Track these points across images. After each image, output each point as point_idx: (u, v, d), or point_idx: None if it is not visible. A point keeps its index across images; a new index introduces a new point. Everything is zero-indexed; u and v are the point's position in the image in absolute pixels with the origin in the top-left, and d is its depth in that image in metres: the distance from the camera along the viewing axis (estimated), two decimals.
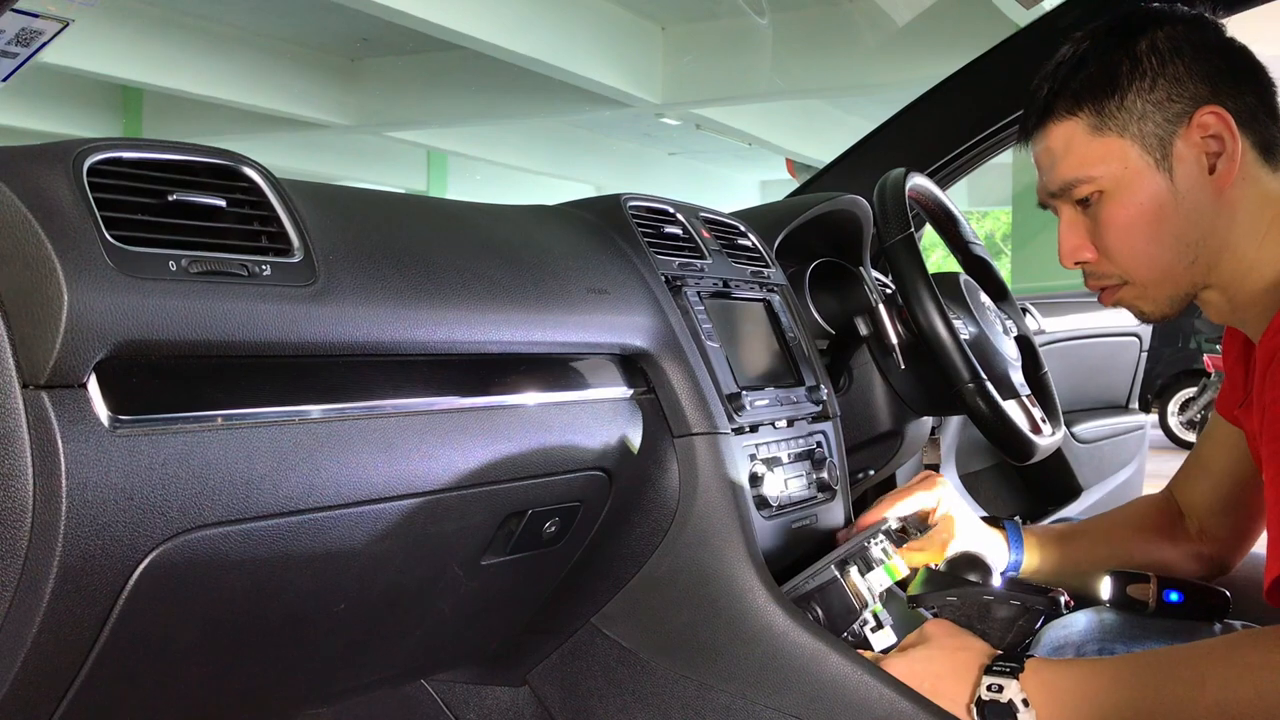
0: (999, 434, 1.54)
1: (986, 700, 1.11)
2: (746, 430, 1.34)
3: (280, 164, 1.39)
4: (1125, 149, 1.19)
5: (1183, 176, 1.19)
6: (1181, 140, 1.18)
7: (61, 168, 0.81)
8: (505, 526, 1.13)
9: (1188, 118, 1.18)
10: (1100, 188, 1.21)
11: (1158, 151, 1.19)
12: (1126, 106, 1.19)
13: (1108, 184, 1.20)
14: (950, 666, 1.16)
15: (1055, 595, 1.18)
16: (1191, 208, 1.19)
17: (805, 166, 12.51)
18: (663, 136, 14.25)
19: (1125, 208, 1.20)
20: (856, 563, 1.29)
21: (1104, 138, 1.20)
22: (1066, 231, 1.25)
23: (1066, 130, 1.22)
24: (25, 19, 1.32)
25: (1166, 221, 1.20)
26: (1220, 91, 1.18)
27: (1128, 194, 1.20)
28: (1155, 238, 1.21)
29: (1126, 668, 1.12)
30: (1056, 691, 1.10)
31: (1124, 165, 1.19)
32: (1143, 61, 1.19)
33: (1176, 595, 1.37)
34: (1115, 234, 1.22)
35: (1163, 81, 1.18)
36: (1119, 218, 1.21)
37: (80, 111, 12.40)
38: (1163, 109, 1.18)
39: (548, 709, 1.34)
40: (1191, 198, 1.19)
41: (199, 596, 0.88)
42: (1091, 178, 1.21)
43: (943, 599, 1.19)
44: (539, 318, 1.15)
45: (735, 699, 1.22)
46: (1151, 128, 1.19)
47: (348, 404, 0.95)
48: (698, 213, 1.53)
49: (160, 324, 0.81)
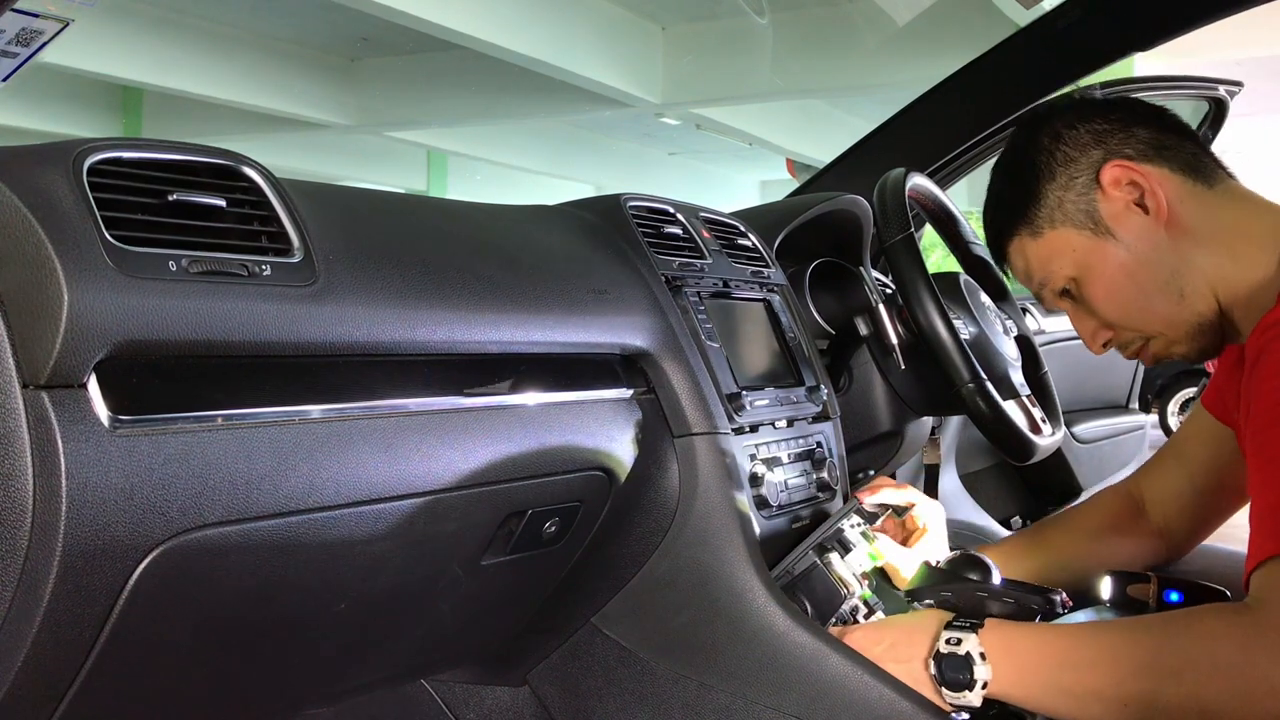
0: (999, 434, 1.54)
1: (945, 653, 1.13)
2: (746, 430, 1.34)
3: (280, 164, 1.39)
4: (1065, 237, 1.29)
5: (1125, 231, 1.27)
6: (1103, 203, 1.27)
7: (61, 168, 0.81)
8: (505, 526, 1.13)
9: (1095, 183, 1.27)
10: (1068, 276, 1.31)
11: (1090, 223, 1.28)
12: (1045, 204, 1.30)
13: (1072, 270, 1.30)
14: (909, 627, 1.19)
15: (1052, 594, 1.19)
16: (1149, 251, 1.26)
17: (805, 166, 12.50)
18: (663, 136, 14.25)
19: (1098, 283, 1.29)
20: (834, 546, 1.30)
21: (1044, 237, 1.31)
22: (1077, 322, 1.35)
23: (1016, 247, 1.35)
24: (25, 19, 1.32)
25: (1137, 275, 1.27)
26: (1110, 146, 1.28)
27: (1093, 271, 1.29)
28: (1139, 293, 1.28)
29: (1085, 631, 1.14)
30: (1015, 650, 1.12)
31: (1072, 249, 1.29)
32: (1038, 161, 1.31)
33: (1177, 595, 1.38)
34: (1106, 307, 1.30)
35: (1059, 168, 1.29)
36: (1099, 293, 1.29)
37: (80, 111, 12.40)
38: (1072, 188, 1.28)
39: (548, 709, 1.34)
40: (1143, 244, 1.26)
41: (199, 597, 0.88)
42: (1053, 273, 1.31)
43: (938, 594, 1.19)
44: (539, 318, 1.15)
45: (735, 699, 1.22)
46: (1072, 208, 1.28)
47: (348, 404, 0.95)
48: (698, 213, 1.53)
49: (160, 324, 0.81)
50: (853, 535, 1.33)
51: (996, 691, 1.12)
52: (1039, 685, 1.11)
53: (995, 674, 1.11)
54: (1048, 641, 1.13)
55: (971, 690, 1.12)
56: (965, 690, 1.12)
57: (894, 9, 6.33)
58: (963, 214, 1.84)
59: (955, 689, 1.13)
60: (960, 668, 1.12)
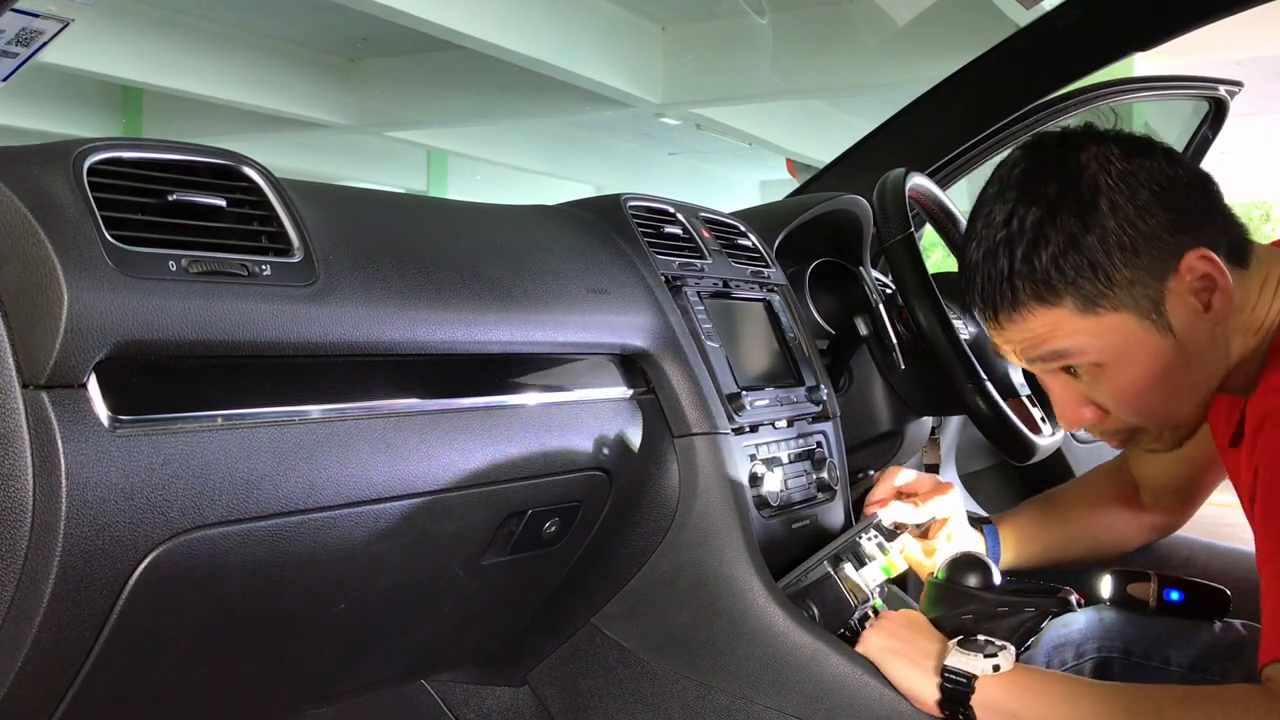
0: (999, 434, 1.54)
1: (950, 689, 1.12)
2: (746, 430, 1.34)
3: (280, 164, 1.39)
4: (1121, 321, 1.10)
5: (1181, 325, 1.10)
6: (1173, 291, 1.09)
7: (61, 168, 0.81)
8: (505, 526, 1.13)
9: (1174, 267, 1.09)
10: (1097, 360, 1.12)
11: (1153, 312, 1.10)
12: (1115, 281, 1.09)
13: (1107, 357, 1.12)
14: (926, 626, 1.19)
15: (1065, 595, 1.18)
16: (1196, 352, 1.12)
17: (805, 166, 12.49)
18: (663, 136, 14.23)
19: (1130, 375, 1.12)
20: (849, 558, 1.29)
21: (1096, 315, 1.10)
22: (1063, 399, 1.17)
23: (1049, 317, 1.11)
24: (25, 19, 1.32)
25: (1176, 375, 1.12)
26: (1192, 227, 1.10)
27: (1130, 362, 1.11)
28: (1169, 392, 1.14)
29: (1102, 693, 1.12)
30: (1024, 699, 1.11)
31: (1123, 337, 1.11)
32: (1113, 227, 1.08)
33: (1177, 594, 1.38)
34: (1120, 397, 1.14)
35: (1142, 243, 1.08)
36: (1121, 384, 1.13)
37: (80, 111, 12.39)
38: (1150, 269, 1.09)
39: (548, 709, 1.34)
40: (1194, 342, 1.11)
41: (199, 596, 0.88)
42: (1085, 353, 1.12)
43: (958, 619, 1.18)
44: (539, 318, 1.14)
45: (735, 699, 1.22)
46: (1142, 290, 1.09)
47: (348, 404, 0.95)
48: (698, 213, 1.53)
49: (160, 324, 0.81)
50: (869, 548, 1.32)
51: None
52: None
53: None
54: (1058, 680, 1.14)
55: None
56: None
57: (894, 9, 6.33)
58: (962, 214, 1.84)
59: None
60: (978, 647, 1.13)
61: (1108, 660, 1.37)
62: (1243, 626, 1.36)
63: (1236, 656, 1.32)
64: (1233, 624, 1.37)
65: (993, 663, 1.11)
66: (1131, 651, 1.36)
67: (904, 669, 1.16)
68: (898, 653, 1.17)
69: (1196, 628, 1.37)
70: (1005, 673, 1.11)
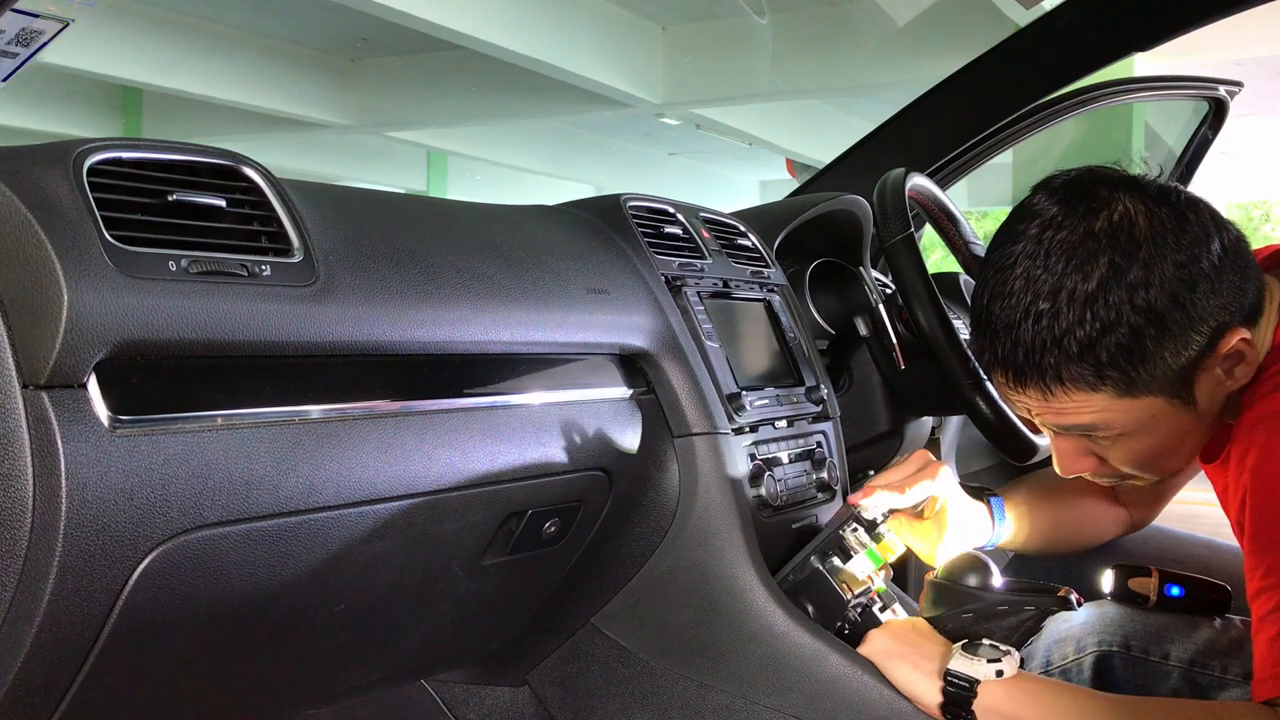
0: (999, 434, 1.54)
1: (952, 693, 1.13)
2: (746, 430, 1.34)
3: (280, 164, 1.39)
4: (1155, 403, 1.09)
5: (1204, 398, 1.11)
6: (1205, 371, 1.09)
7: (61, 168, 0.81)
8: (505, 526, 1.13)
9: (1213, 348, 1.07)
10: (1121, 433, 1.12)
11: (1184, 391, 1.09)
12: (1159, 367, 1.06)
13: (1130, 429, 1.12)
14: (930, 630, 1.19)
15: (1066, 594, 1.18)
16: (1208, 414, 1.13)
17: (805, 166, 12.49)
18: (663, 136, 14.23)
19: (1148, 444, 1.13)
20: (835, 552, 1.29)
21: (1134, 400, 1.09)
22: (1066, 452, 1.18)
23: (1083, 397, 1.09)
24: (25, 19, 1.32)
25: (1186, 439, 1.14)
26: (1230, 308, 1.07)
27: (1150, 434, 1.12)
28: (1174, 454, 1.16)
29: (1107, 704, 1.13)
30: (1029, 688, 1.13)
31: (1151, 414, 1.10)
32: (1173, 318, 1.05)
33: (1178, 590, 1.38)
34: (1134, 462, 1.16)
35: (1194, 333, 1.06)
36: (1142, 452, 1.14)
37: (80, 111, 12.39)
38: (1195, 358, 1.07)
39: (548, 709, 1.34)
40: (1211, 409, 1.13)
41: (199, 596, 0.88)
42: (1111, 428, 1.12)
43: (959, 618, 1.19)
44: (539, 318, 1.14)
45: (735, 699, 1.22)
46: (1179, 372, 1.08)
47: (348, 404, 0.95)
48: (698, 213, 1.53)
49: (160, 324, 0.81)
50: (852, 540, 1.32)
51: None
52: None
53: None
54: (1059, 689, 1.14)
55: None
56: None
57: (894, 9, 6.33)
58: (963, 214, 1.84)
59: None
60: (984, 651, 1.13)
61: (1107, 655, 1.37)
62: (1243, 623, 1.36)
63: (1236, 653, 1.32)
64: (1233, 620, 1.37)
65: (996, 668, 1.11)
66: (1131, 646, 1.36)
67: (907, 672, 1.16)
68: (901, 655, 1.17)
69: (1197, 624, 1.37)
70: (1008, 678, 1.11)
